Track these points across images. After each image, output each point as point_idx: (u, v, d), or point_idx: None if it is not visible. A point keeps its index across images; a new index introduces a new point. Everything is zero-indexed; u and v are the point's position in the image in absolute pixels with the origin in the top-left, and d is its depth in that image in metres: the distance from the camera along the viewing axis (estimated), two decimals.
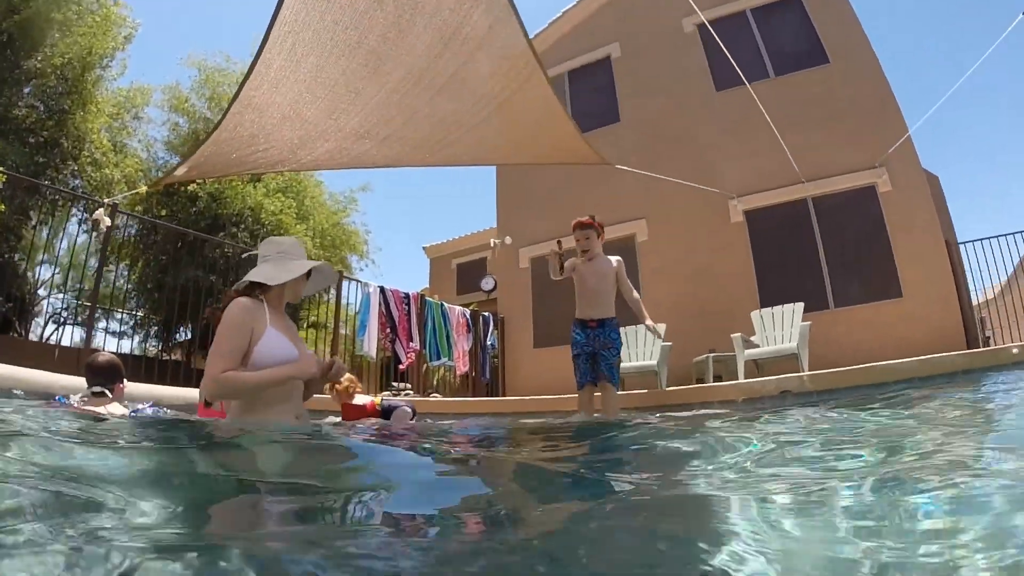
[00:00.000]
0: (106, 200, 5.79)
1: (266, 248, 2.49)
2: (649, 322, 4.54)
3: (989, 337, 9.34)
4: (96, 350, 5.72)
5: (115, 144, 11.21)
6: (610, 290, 4.38)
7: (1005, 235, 8.24)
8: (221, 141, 4.82)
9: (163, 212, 10.43)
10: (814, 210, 8.50)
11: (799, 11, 8.97)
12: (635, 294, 4.58)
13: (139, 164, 11.74)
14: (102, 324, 10.35)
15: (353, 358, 8.41)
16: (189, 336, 11.25)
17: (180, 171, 5.47)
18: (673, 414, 4.68)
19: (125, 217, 6.93)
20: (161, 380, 5.88)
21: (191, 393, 5.13)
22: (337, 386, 4.45)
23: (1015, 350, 4.88)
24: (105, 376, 3.33)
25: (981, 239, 8.17)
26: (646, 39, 10.24)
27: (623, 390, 7.49)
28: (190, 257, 9.59)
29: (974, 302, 8.68)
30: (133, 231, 9.46)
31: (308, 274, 2.48)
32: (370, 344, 7.77)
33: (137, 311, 11.17)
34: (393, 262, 39.82)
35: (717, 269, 8.91)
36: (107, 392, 3.28)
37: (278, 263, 2.40)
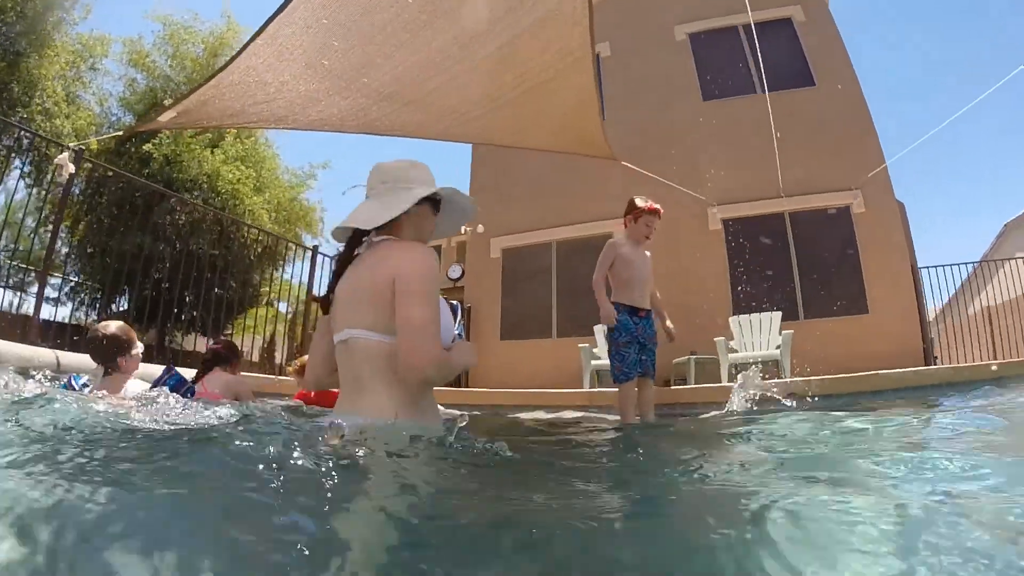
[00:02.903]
0: (72, 144, 5.17)
1: (372, 178, 1.90)
2: (669, 324, 4.45)
3: (936, 357, 9.89)
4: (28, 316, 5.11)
5: (68, 94, 10.19)
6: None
7: (949, 265, 8.84)
8: (226, 84, 4.37)
9: (110, 174, 9.54)
10: (790, 224, 8.74)
11: (790, 33, 9.22)
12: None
13: (91, 118, 10.70)
14: (34, 289, 9.36)
15: None
16: (127, 307, 10.36)
17: (166, 116, 4.93)
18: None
19: (89, 166, 6.22)
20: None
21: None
22: None
23: (994, 367, 5.15)
24: (103, 353, 2.91)
25: (935, 266, 8.70)
26: (637, 42, 10.27)
27: (607, 387, 7.43)
28: (137, 221, 8.81)
29: None
30: (77, 189, 8.56)
31: (437, 206, 1.90)
32: None
33: (72, 276, 10.20)
34: None
35: (693, 274, 9.00)
36: (114, 369, 2.90)
37: (385, 197, 1.84)
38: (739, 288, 8.75)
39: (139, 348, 3.03)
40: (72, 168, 5.11)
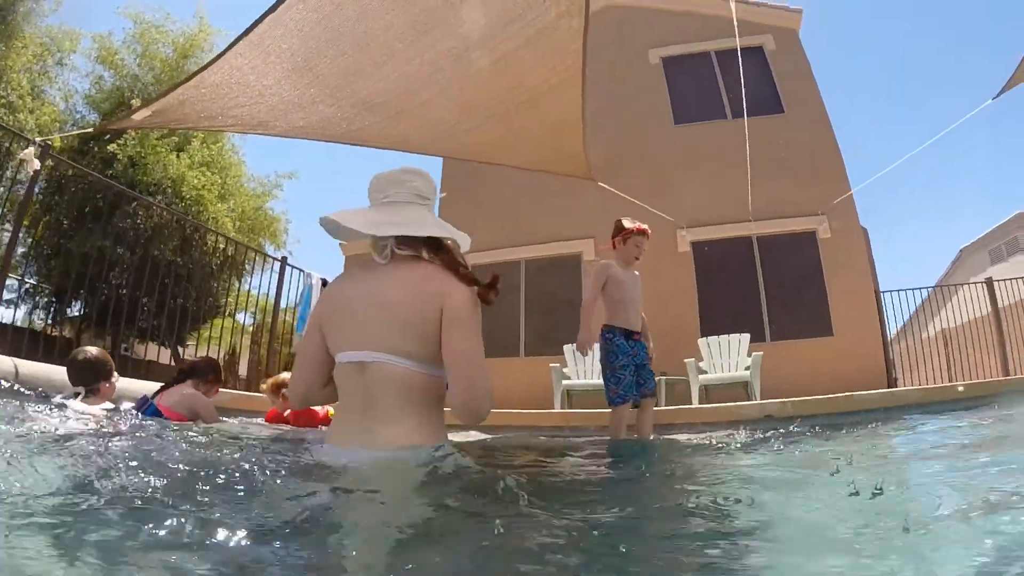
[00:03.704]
0: (37, 139, 4.95)
1: (422, 183, 1.76)
2: (651, 344, 4.41)
3: (896, 378, 10.20)
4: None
5: (33, 88, 9.81)
6: None
7: (908, 289, 9.16)
8: (206, 85, 4.26)
9: (70, 172, 9.17)
10: (758, 248, 8.93)
11: (761, 61, 9.51)
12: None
13: (56, 115, 10.32)
14: None
15: (292, 355, 7.76)
16: (83, 311, 9.92)
17: (140, 115, 4.79)
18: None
19: (51, 164, 5.96)
20: (48, 357, 5.00)
21: None
22: (285, 390, 3.78)
23: (960, 388, 5.34)
24: (87, 376, 2.91)
25: (895, 290, 9.00)
26: (611, 64, 10.43)
27: (578, 407, 7.41)
28: (98, 224, 8.50)
29: None
30: (37, 188, 8.19)
31: None
32: None
33: (27, 278, 9.72)
34: (307, 256, 37.71)
35: (662, 295, 9.07)
36: (93, 392, 2.88)
37: (433, 211, 1.79)
38: (707, 310, 8.89)
39: (117, 377, 3.06)
40: (37, 164, 4.89)
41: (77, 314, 10.24)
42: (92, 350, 3.05)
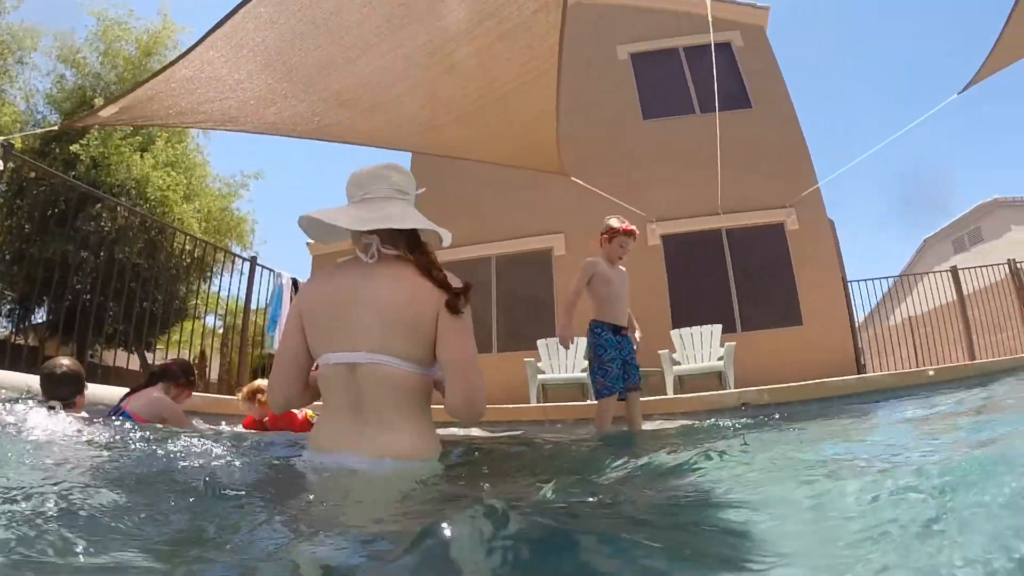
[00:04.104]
0: (1, 139, 4.80)
1: (402, 178, 1.75)
2: (638, 334, 4.45)
3: (865, 365, 10.47)
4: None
5: None
6: None
7: (875, 279, 9.43)
8: (177, 79, 4.18)
9: (31, 175, 8.88)
10: (727, 240, 9.08)
11: (728, 57, 9.67)
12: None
13: (16, 115, 9.99)
14: None
15: (263, 357, 7.65)
16: (48, 318, 9.64)
17: (108, 111, 4.67)
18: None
19: (12, 166, 5.77)
20: (14, 367, 4.83)
21: None
22: (260, 396, 3.79)
23: (931, 372, 5.52)
24: (65, 388, 2.81)
25: (862, 279, 9.24)
26: (580, 59, 10.47)
27: (553, 401, 7.46)
28: (62, 228, 8.26)
29: None
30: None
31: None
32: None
33: None
34: (273, 257, 37.19)
35: (633, 289, 9.11)
36: (70, 406, 2.76)
37: (413, 209, 1.76)
38: (678, 302, 8.99)
39: (87, 387, 3.00)
40: (0, 164, 4.74)
41: (41, 321, 9.95)
42: (67, 361, 2.93)
